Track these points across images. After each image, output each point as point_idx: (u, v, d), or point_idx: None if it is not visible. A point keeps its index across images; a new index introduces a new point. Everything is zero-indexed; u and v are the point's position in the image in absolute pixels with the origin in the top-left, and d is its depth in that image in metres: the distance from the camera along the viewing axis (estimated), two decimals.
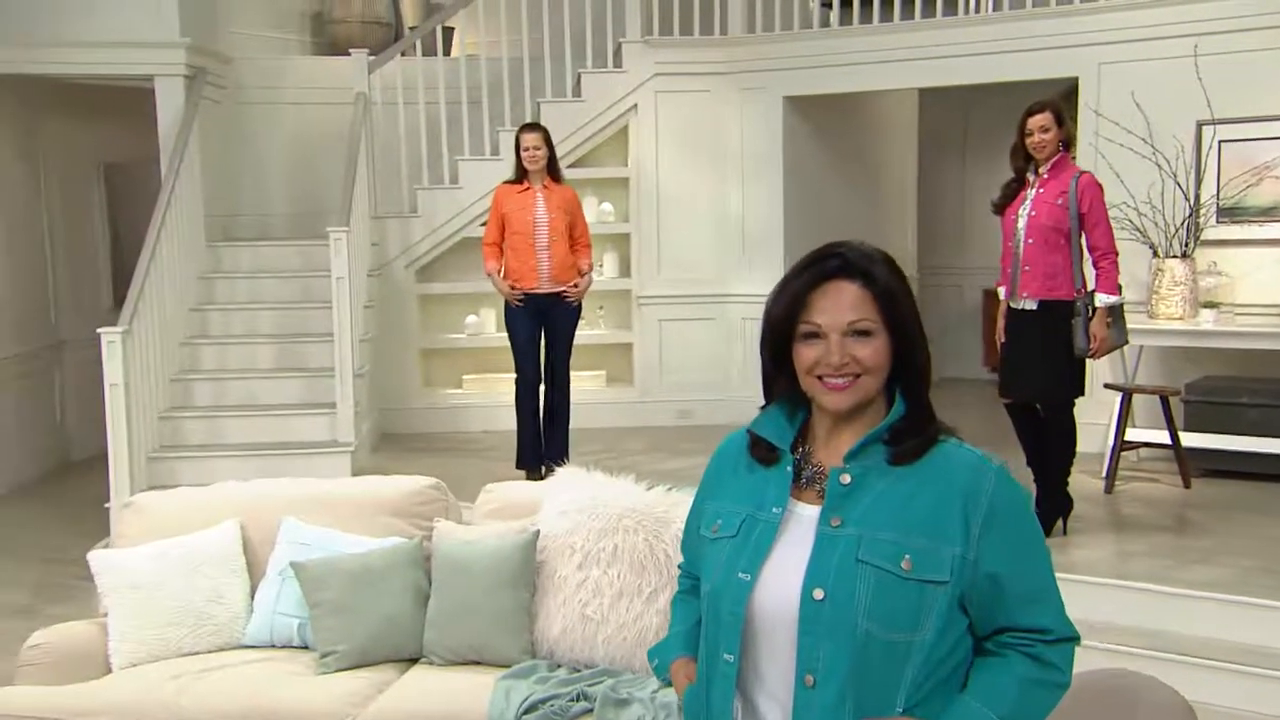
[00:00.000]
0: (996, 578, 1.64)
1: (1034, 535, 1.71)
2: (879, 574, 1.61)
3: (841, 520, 1.65)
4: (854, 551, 1.62)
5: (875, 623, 1.60)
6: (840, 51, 7.30)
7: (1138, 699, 2.14)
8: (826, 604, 1.61)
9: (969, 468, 1.68)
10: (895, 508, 1.65)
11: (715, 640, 1.71)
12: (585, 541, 3.22)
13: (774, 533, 1.69)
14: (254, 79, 8.04)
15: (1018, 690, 1.66)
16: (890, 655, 1.60)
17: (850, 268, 1.70)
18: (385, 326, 7.50)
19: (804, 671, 1.62)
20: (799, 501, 1.71)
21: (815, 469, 1.73)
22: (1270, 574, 4.46)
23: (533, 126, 6.08)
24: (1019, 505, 1.69)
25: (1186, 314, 5.95)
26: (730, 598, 1.68)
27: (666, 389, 7.68)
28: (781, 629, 1.64)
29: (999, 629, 1.68)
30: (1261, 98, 6.00)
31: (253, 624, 3.38)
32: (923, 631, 1.61)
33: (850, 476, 1.67)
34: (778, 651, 1.65)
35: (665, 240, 7.73)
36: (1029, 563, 1.69)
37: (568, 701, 2.91)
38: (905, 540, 1.62)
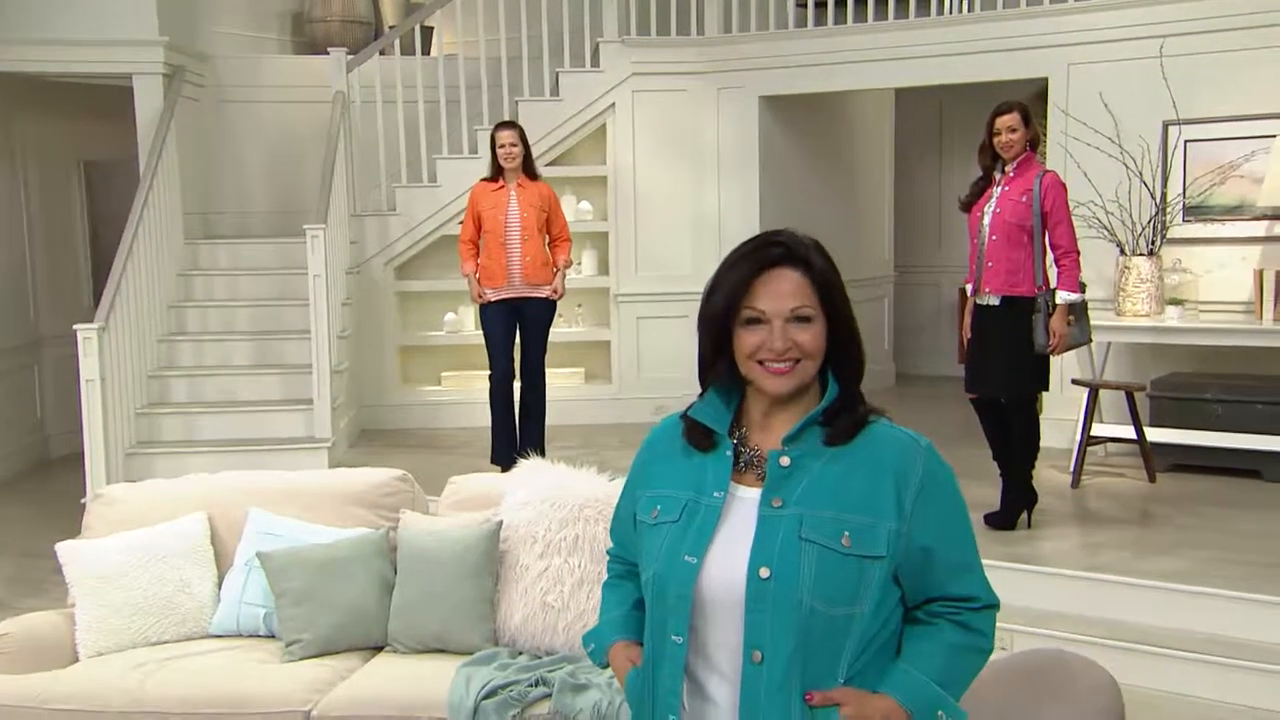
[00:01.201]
0: (928, 550, 1.72)
1: (961, 509, 1.78)
2: (821, 551, 1.67)
3: (782, 501, 1.71)
4: (796, 530, 1.68)
5: (818, 598, 1.65)
6: (816, 52, 7.37)
7: (1070, 676, 2.21)
8: (772, 581, 1.66)
9: (900, 446, 1.75)
10: (832, 487, 1.71)
11: (663, 623, 1.75)
12: (547, 531, 3.28)
13: (717, 516, 1.74)
14: (233, 77, 8.08)
15: (949, 656, 1.73)
16: (832, 629, 1.67)
17: (791, 256, 1.76)
18: (364, 324, 7.55)
19: (751, 648, 1.67)
20: (739, 485, 1.76)
21: (753, 452, 1.78)
22: (1232, 565, 4.54)
23: (508, 124, 6.14)
24: (947, 481, 1.76)
25: (1152, 311, 6.03)
26: (677, 580, 1.72)
27: (644, 386, 7.74)
28: (728, 608, 1.69)
29: (929, 599, 1.75)
30: (1226, 98, 6.09)
31: (219, 614, 3.43)
32: (861, 604, 1.68)
33: (789, 459, 1.73)
34: (725, 630, 1.70)
35: (643, 238, 7.79)
36: (957, 535, 1.76)
37: (526, 687, 2.96)
38: (844, 518, 1.69)
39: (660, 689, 1.75)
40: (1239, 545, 4.80)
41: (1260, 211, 6.09)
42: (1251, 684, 3.98)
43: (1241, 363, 6.14)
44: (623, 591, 1.96)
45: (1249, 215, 6.14)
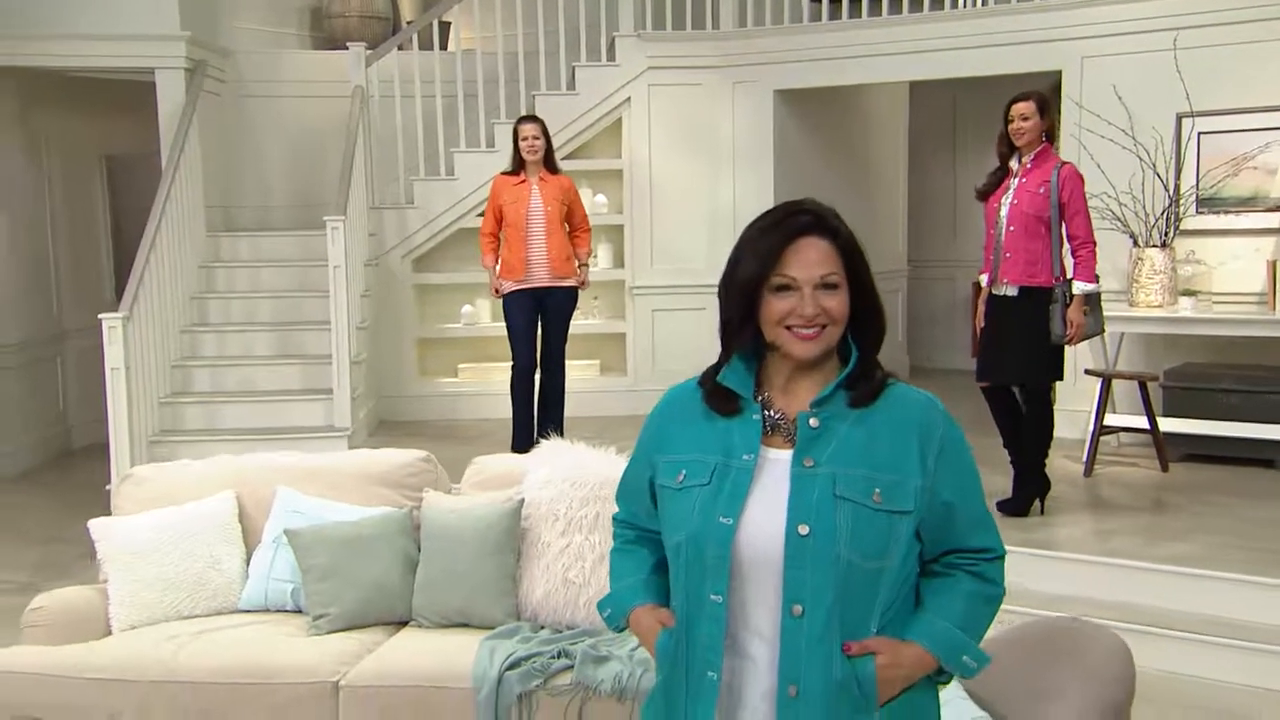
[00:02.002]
0: (949, 505, 1.79)
1: (973, 467, 1.86)
2: (855, 507, 1.73)
3: (814, 461, 1.76)
4: (831, 488, 1.74)
5: (854, 552, 1.71)
6: (830, 45, 7.42)
7: (1084, 642, 2.27)
8: (811, 538, 1.72)
9: (921, 408, 1.82)
10: (861, 447, 1.77)
11: (699, 583, 1.78)
12: (568, 509, 3.34)
13: (750, 477, 1.78)
14: (253, 72, 8.17)
15: (969, 604, 1.81)
16: (867, 582, 1.73)
17: (819, 225, 1.82)
18: (382, 316, 7.63)
19: (791, 602, 1.73)
20: (767, 447, 1.81)
21: (778, 415, 1.83)
22: (1243, 550, 4.58)
23: (531, 118, 6.21)
24: (961, 439, 1.84)
25: (1165, 302, 6.07)
26: (715, 541, 1.76)
27: (659, 377, 7.78)
28: (766, 566, 1.74)
29: (946, 551, 1.82)
30: (1239, 90, 6.12)
31: (248, 589, 3.51)
32: (891, 558, 1.74)
33: (818, 420, 1.79)
34: (762, 587, 1.75)
35: (658, 232, 7.85)
36: (973, 491, 1.84)
37: (549, 659, 3.03)
38: (874, 475, 1.75)
39: (697, 648, 1.79)
40: (1250, 532, 4.84)
41: (1274, 203, 6.13)
42: (1262, 666, 4.03)
43: (1254, 353, 6.17)
44: (637, 557, 1.99)
45: (1262, 207, 6.17)
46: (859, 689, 1.72)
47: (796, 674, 1.72)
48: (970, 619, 1.81)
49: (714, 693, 1.77)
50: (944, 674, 1.82)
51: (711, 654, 1.77)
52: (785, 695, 1.72)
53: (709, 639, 1.77)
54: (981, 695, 2.37)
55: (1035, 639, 2.35)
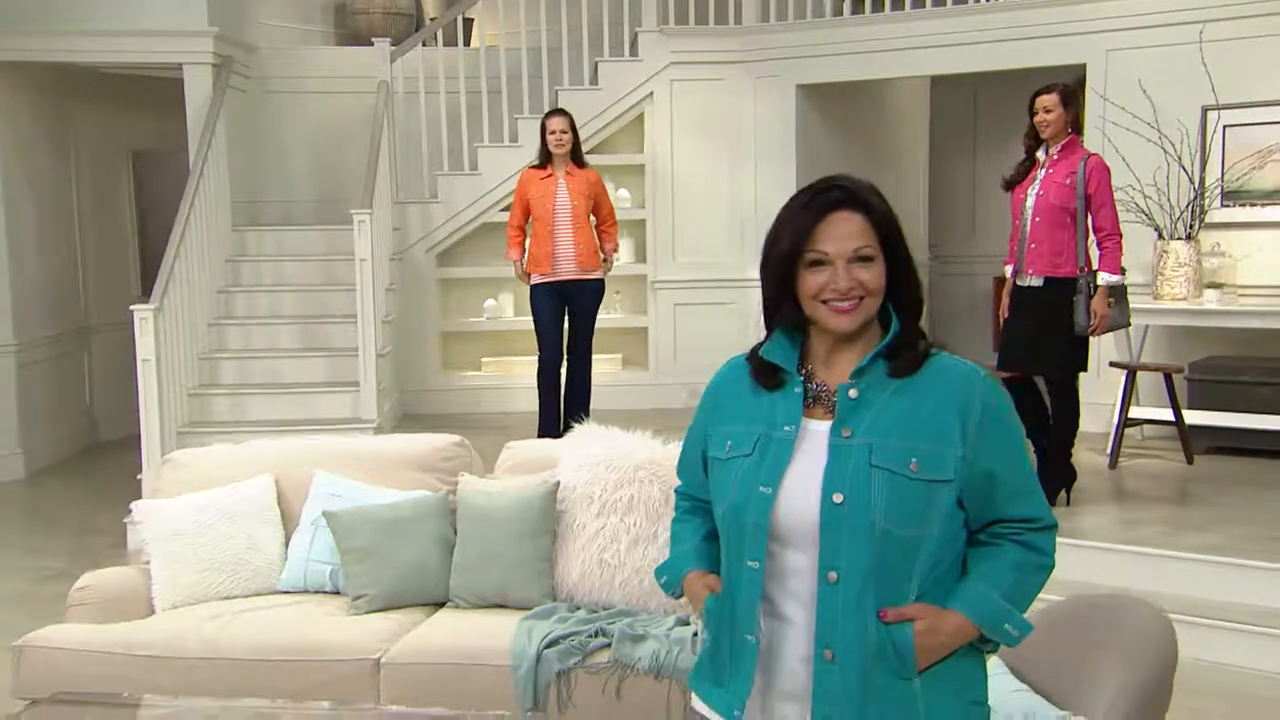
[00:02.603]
0: (991, 475, 1.80)
1: (1019, 436, 1.87)
2: (891, 476, 1.76)
3: (852, 431, 1.80)
4: (867, 458, 1.77)
5: (890, 520, 1.74)
6: (852, 40, 7.45)
7: (1126, 616, 2.30)
8: (845, 506, 1.75)
9: (962, 377, 1.84)
10: (899, 417, 1.80)
11: (739, 550, 1.84)
12: (603, 492, 3.38)
13: (790, 448, 1.83)
14: (279, 69, 8.24)
15: (1013, 573, 1.82)
16: (903, 550, 1.76)
17: (852, 199, 1.85)
18: (405, 309, 7.68)
19: (827, 569, 1.76)
20: (809, 419, 1.85)
21: (819, 387, 1.87)
22: (1269, 540, 4.59)
23: (559, 112, 6.27)
24: (1006, 410, 1.86)
25: (1190, 294, 6.07)
26: (754, 510, 1.81)
27: (680, 372, 7.82)
28: (803, 533, 1.79)
29: (992, 521, 1.84)
30: (1265, 83, 6.13)
31: (287, 570, 3.55)
32: (930, 526, 1.77)
33: (857, 391, 1.82)
34: (800, 554, 1.80)
35: (680, 226, 7.89)
36: (1017, 460, 1.85)
37: (587, 637, 3.06)
38: (911, 445, 1.77)
39: (739, 612, 1.84)
40: (1275, 522, 4.85)
41: None
42: None
43: (1278, 346, 6.17)
44: (693, 525, 2.05)
45: None
46: (895, 654, 1.75)
47: (832, 639, 1.76)
48: (1015, 587, 1.82)
49: (754, 655, 1.82)
50: (990, 643, 1.84)
51: (749, 618, 1.82)
52: (821, 659, 1.76)
53: (747, 603, 1.82)
54: (1022, 669, 2.40)
55: (1077, 614, 2.38)
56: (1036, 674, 2.36)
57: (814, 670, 1.77)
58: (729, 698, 1.86)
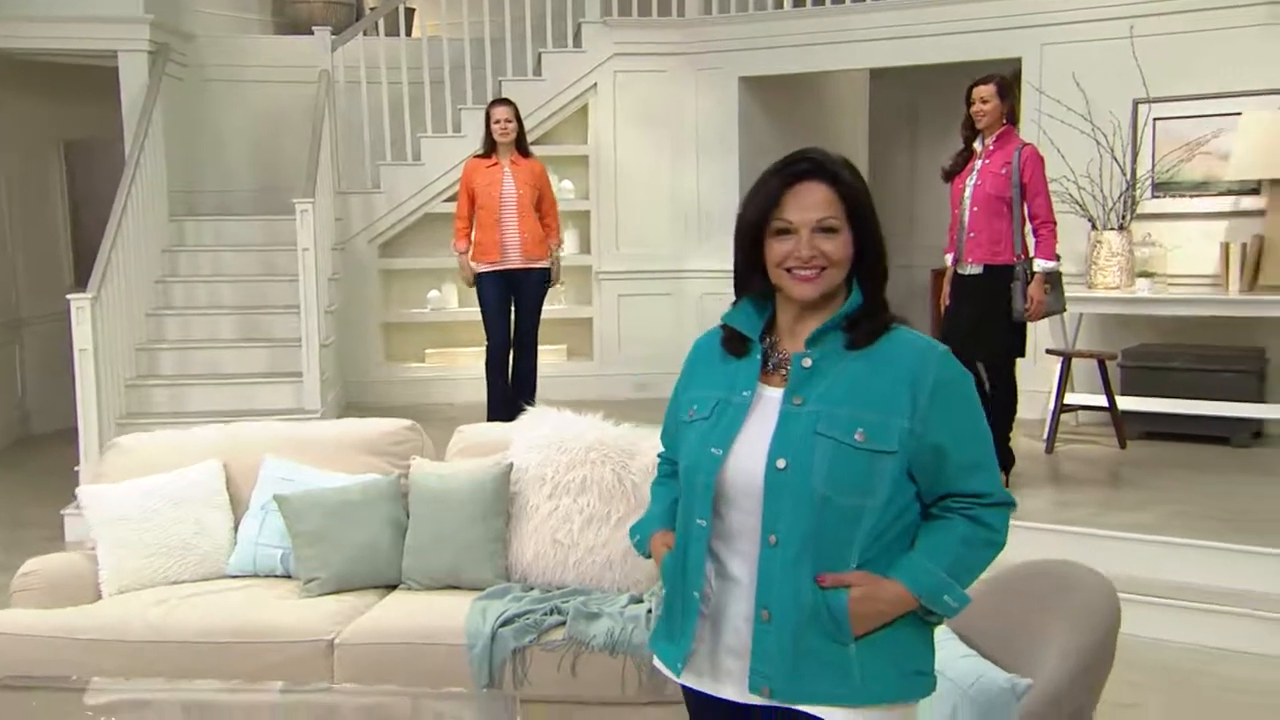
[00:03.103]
0: (941, 448, 1.84)
1: (974, 411, 1.90)
2: (834, 445, 1.80)
3: (803, 399, 1.84)
4: (813, 425, 1.82)
5: (831, 488, 1.79)
6: (793, 33, 7.53)
7: (1071, 581, 2.37)
8: (788, 472, 1.80)
9: (917, 351, 1.88)
10: (851, 387, 1.84)
11: (691, 509, 1.90)
12: (555, 473, 3.40)
13: (744, 413, 1.88)
14: (217, 57, 8.13)
15: (959, 548, 1.85)
16: (844, 517, 1.80)
17: (819, 170, 1.90)
18: (347, 300, 7.63)
19: (768, 532, 1.82)
20: (766, 385, 1.90)
21: (781, 356, 1.92)
22: (1197, 519, 4.73)
23: (504, 101, 6.27)
24: (962, 384, 1.89)
25: (1123, 283, 6.22)
26: (704, 470, 1.87)
27: (625, 362, 7.86)
28: (748, 495, 1.84)
29: (943, 495, 1.88)
30: (1193, 78, 6.30)
31: (236, 554, 3.53)
32: (874, 496, 1.81)
33: (811, 360, 1.87)
34: (746, 516, 1.85)
35: (624, 217, 7.91)
36: (970, 435, 1.88)
37: (542, 615, 3.08)
38: (859, 415, 1.81)
39: (689, 569, 1.90)
40: (1203, 502, 5.00)
41: (1226, 187, 6.31)
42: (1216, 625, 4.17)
43: (1208, 333, 6.35)
44: (667, 488, 2.10)
45: (1215, 191, 6.36)
46: (830, 618, 1.79)
47: (769, 600, 1.81)
48: (959, 561, 1.85)
49: (697, 611, 1.88)
50: (934, 615, 1.87)
51: (697, 575, 1.88)
52: (759, 619, 1.82)
53: (695, 561, 1.88)
54: (971, 636, 2.46)
55: (1025, 581, 2.45)
56: (985, 640, 2.43)
57: (753, 629, 1.83)
58: (675, 651, 1.92)
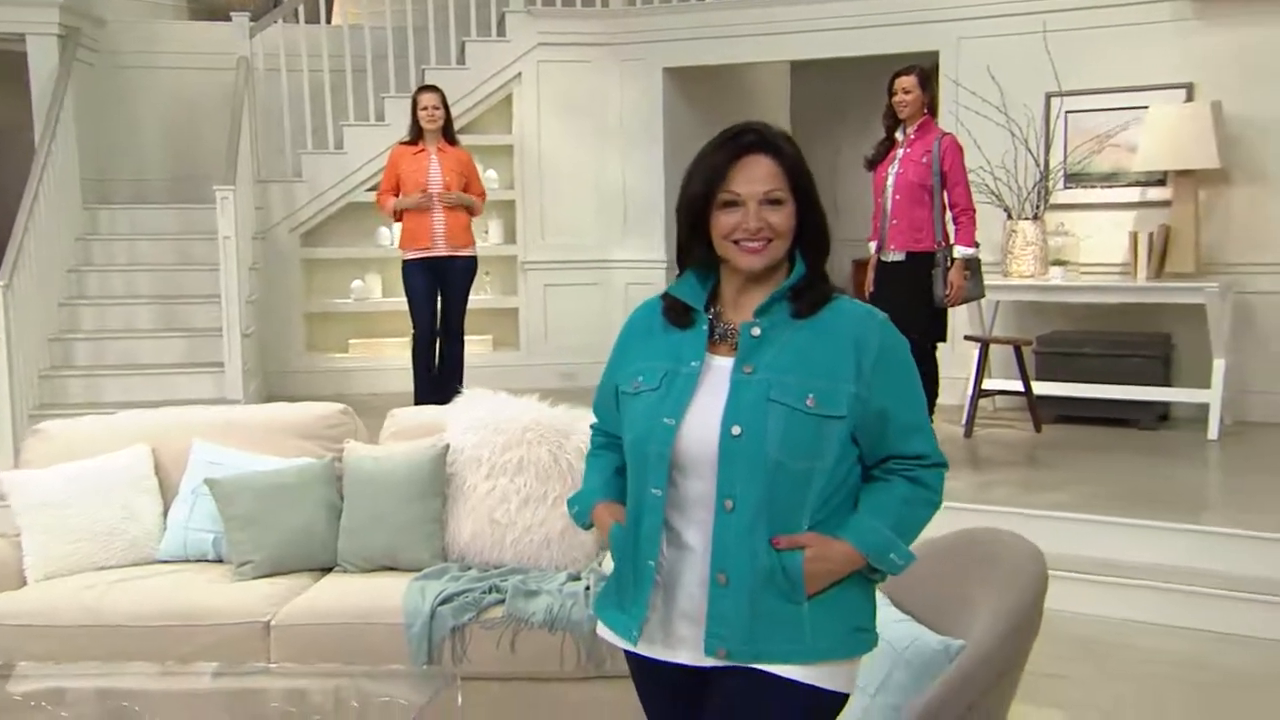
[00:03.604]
0: (885, 412, 1.90)
1: (913, 376, 1.97)
2: (787, 411, 1.85)
3: (753, 368, 1.88)
4: (765, 393, 1.86)
5: (784, 453, 1.84)
6: (717, 24, 7.60)
7: (1000, 548, 2.45)
8: (742, 438, 1.84)
9: (860, 319, 1.93)
10: (798, 355, 1.89)
11: (644, 478, 1.92)
12: (492, 454, 3.40)
13: (694, 383, 1.91)
14: (130, 43, 7.97)
15: (901, 507, 1.92)
16: (796, 481, 1.85)
17: (764, 143, 1.94)
18: (268, 290, 7.53)
19: (723, 498, 1.86)
20: (714, 355, 1.94)
21: (726, 326, 1.96)
22: (1111, 499, 4.90)
23: (431, 88, 6.26)
24: (902, 350, 1.95)
25: (1037, 272, 6.40)
26: (657, 440, 1.89)
27: (551, 352, 7.88)
28: (703, 463, 1.87)
29: (885, 457, 1.94)
30: (1103, 72, 6.50)
31: (166, 539, 3.48)
32: (823, 459, 1.86)
33: (759, 330, 1.91)
34: (700, 483, 1.88)
35: (549, 207, 7.92)
36: (910, 399, 1.95)
37: (481, 594, 3.09)
38: (808, 382, 1.86)
39: (642, 539, 1.92)
40: (1116, 482, 5.19)
41: (1134, 178, 6.53)
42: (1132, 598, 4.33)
43: (1118, 320, 6.56)
44: (605, 460, 2.12)
45: (1124, 182, 6.58)
46: (785, 579, 1.84)
47: (725, 564, 1.85)
48: (902, 520, 1.91)
49: (652, 580, 1.91)
50: (878, 573, 1.94)
51: (651, 544, 1.91)
52: (715, 582, 1.86)
53: (650, 530, 1.91)
54: (905, 601, 2.53)
55: (957, 548, 2.53)
56: (919, 604, 2.50)
57: (709, 593, 1.87)
58: (629, 621, 1.95)
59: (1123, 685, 3.78)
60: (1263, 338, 6.31)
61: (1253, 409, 6.32)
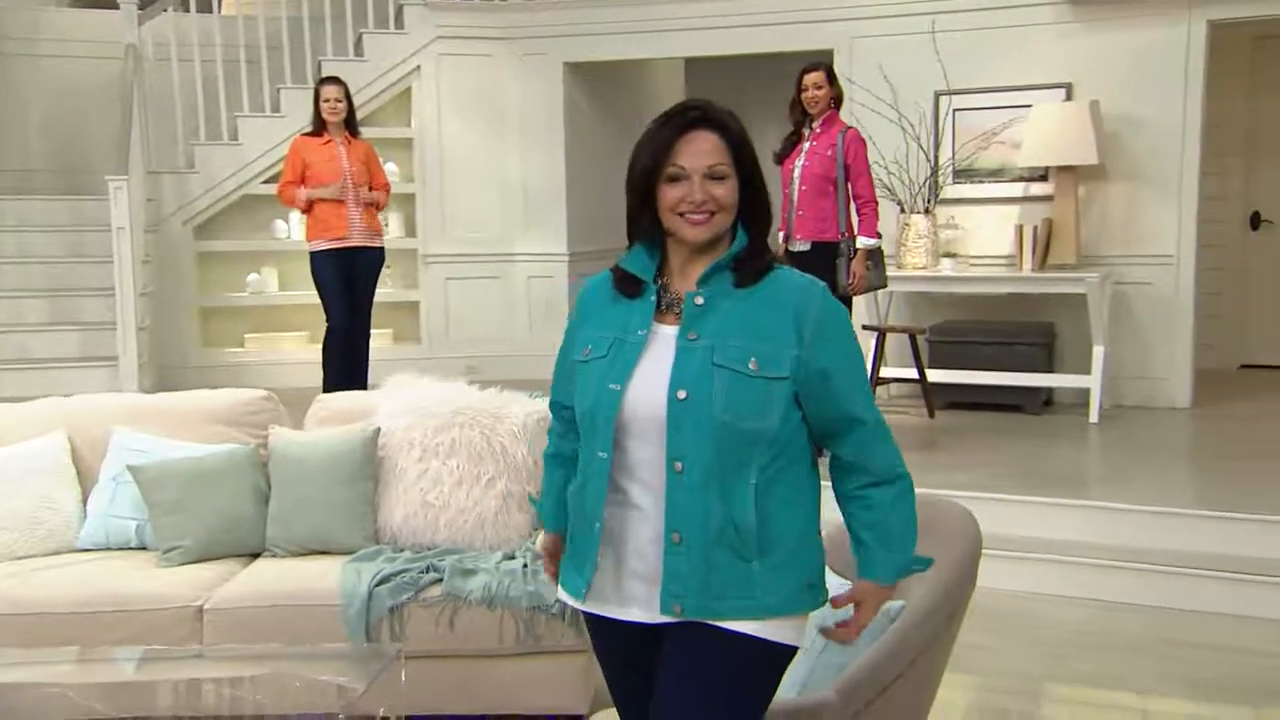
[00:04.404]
0: (825, 373, 1.98)
1: (852, 341, 2.06)
2: (731, 374, 1.93)
3: (697, 335, 1.97)
4: (709, 358, 1.95)
5: (729, 414, 1.92)
6: (615, 20, 7.69)
7: (935, 512, 2.58)
8: (689, 402, 1.93)
9: (799, 287, 2.03)
10: (741, 321, 1.98)
11: (592, 443, 2.01)
12: (424, 437, 3.43)
13: (639, 350, 1.99)
14: (12, 30, 7.74)
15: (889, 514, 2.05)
16: (743, 440, 1.94)
17: (709, 119, 2.02)
18: (161, 284, 7.36)
19: (673, 460, 1.94)
20: (661, 324, 2.02)
21: (673, 296, 2.04)
22: (1005, 478, 5.13)
23: (333, 79, 6.20)
24: (841, 317, 2.05)
25: (929, 263, 6.64)
26: (605, 405, 1.98)
27: (453, 345, 7.87)
28: (650, 427, 1.95)
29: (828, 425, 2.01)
30: (989, 72, 6.78)
31: (87, 527, 3.41)
32: (768, 419, 1.95)
33: (703, 298, 2.00)
34: (648, 446, 1.96)
35: (451, 201, 7.91)
36: (849, 362, 2.04)
37: (418, 574, 3.12)
38: (751, 346, 1.95)
39: (589, 500, 2.01)
40: (1009, 464, 5.44)
41: (1018, 174, 6.83)
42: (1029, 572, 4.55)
43: (1005, 310, 6.85)
44: (558, 469, 2.20)
45: (1009, 177, 6.87)
46: (737, 535, 1.93)
47: (679, 523, 1.94)
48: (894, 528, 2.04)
49: (598, 540, 1.99)
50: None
51: (597, 505, 1.99)
52: (669, 542, 1.94)
53: (596, 492, 1.99)
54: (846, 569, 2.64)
55: None
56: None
57: (663, 552, 1.95)
58: (579, 580, 2.03)
59: (1031, 650, 3.99)
60: (1137, 326, 6.66)
61: (1128, 393, 6.66)
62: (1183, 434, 6.17)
